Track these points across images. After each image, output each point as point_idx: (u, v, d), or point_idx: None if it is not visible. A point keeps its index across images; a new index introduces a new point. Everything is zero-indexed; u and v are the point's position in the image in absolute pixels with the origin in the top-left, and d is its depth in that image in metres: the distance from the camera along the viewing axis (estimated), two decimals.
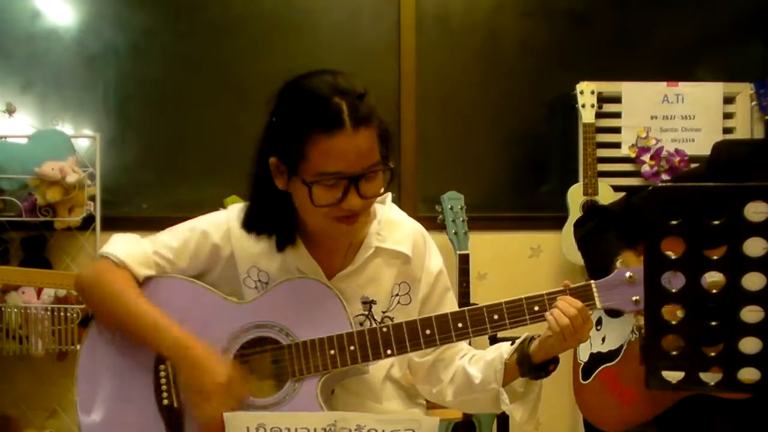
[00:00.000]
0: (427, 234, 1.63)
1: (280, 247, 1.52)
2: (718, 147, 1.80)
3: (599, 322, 1.86)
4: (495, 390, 1.51)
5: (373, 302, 1.54)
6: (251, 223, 1.53)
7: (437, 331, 1.45)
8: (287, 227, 1.51)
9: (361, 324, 1.53)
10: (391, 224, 1.58)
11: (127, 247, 1.54)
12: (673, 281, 1.08)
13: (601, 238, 1.82)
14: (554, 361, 1.47)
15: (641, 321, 1.52)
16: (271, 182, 1.45)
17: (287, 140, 1.40)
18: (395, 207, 1.62)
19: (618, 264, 1.45)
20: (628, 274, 1.42)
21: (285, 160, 1.41)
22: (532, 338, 1.49)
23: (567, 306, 1.40)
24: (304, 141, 1.37)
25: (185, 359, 1.42)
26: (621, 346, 1.80)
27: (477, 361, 1.57)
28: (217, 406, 1.37)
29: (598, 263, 1.76)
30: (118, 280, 1.50)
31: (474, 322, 1.44)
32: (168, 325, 1.45)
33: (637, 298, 1.40)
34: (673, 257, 1.07)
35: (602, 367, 1.83)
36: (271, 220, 1.51)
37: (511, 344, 1.51)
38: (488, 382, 1.52)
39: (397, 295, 1.56)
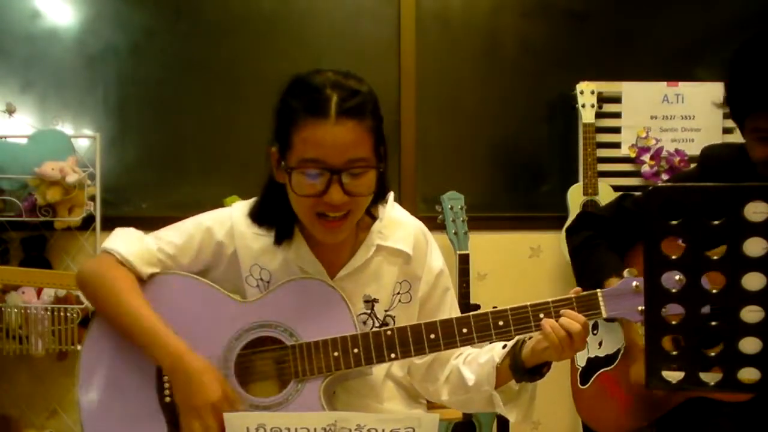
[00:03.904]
0: (428, 233, 1.63)
1: (278, 240, 1.53)
2: (705, 151, 1.81)
3: (595, 326, 1.86)
4: (488, 392, 1.52)
5: (375, 301, 1.54)
6: (256, 215, 1.55)
7: (441, 336, 1.44)
8: (287, 221, 1.52)
9: (364, 323, 1.53)
10: (393, 223, 1.58)
11: (130, 244, 1.54)
12: (673, 283, 1.08)
13: (592, 255, 1.81)
14: (547, 363, 1.47)
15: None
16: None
17: (280, 129, 1.42)
18: (398, 206, 1.62)
19: (626, 273, 1.44)
20: (634, 283, 1.41)
21: (279, 149, 1.44)
22: (523, 342, 1.48)
23: (569, 322, 1.39)
24: (292, 128, 1.39)
25: (180, 372, 1.41)
26: (618, 350, 1.79)
27: (470, 362, 1.57)
28: (205, 424, 1.38)
29: (587, 280, 1.75)
30: (120, 278, 1.50)
31: (479, 328, 1.44)
32: (166, 335, 1.44)
33: (643, 308, 1.39)
34: (673, 257, 1.07)
35: (600, 371, 1.83)
36: (273, 212, 1.52)
37: (503, 347, 1.51)
38: (481, 385, 1.52)
39: (398, 293, 1.56)
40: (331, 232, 1.44)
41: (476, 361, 1.55)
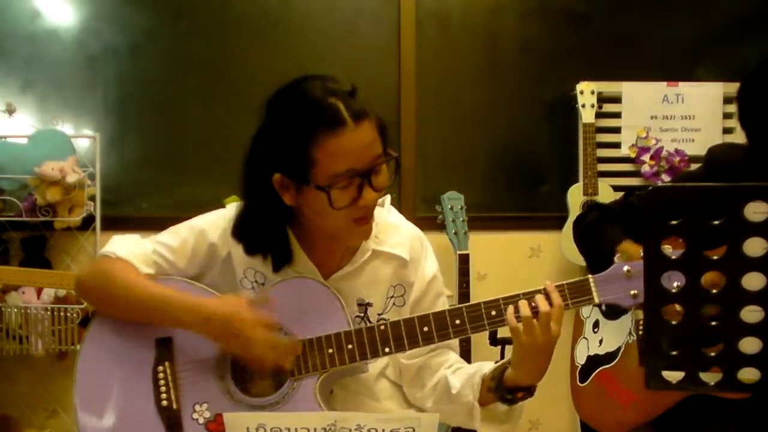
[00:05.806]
0: (424, 238, 1.63)
1: (276, 267, 1.51)
2: (712, 151, 1.81)
3: (596, 324, 1.86)
4: (470, 403, 1.50)
5: (368, 304, 1.54)
6: (249, 246, 1.51)
7: (435, 328, 1.44)
8: (282, 246, 1.50)
9: (358, 326, 1.52)
10: (390, 228, 1.58)
11: (126, 246, 1.54)
12: (674, 281, 1.08)
13: (602, 229, 1.81)
14: (525, 389, 1.44)
15: (640, 315, 1.52)
16: (266, 199, 1.45)
17: (290, 152, 1.38)
18: (394, 210, 1.62)
19: (616, 258, 1.44)
20: (625, 268, 1.41)
21: (291, 173, 1.40)
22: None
23: (540, 301, 1.41)
24: (310, 147, 1.36)
25: (207, 321, 1.41)
26: (618, 348, 1.79)
27: (458, 372, 1.57)
28: (259, 337, 1.38)
29: (599, 251, 1.74)
30: (121, 268, 1.50)
31: (471, 318, 1.43)
32: (180, 297, 1.45)
33: (636, 292, 1.39)
34: (673, 257, 1.07)
35: (600, 369, 1.83)
36: (265, 240, 1.50)
37: (495, 363, 1.51)
38: (465, 394, 1.51)
39: (392, 297, 1.56)
40: (365, 230, 1.46)
41: (465, 372, 1.55)
